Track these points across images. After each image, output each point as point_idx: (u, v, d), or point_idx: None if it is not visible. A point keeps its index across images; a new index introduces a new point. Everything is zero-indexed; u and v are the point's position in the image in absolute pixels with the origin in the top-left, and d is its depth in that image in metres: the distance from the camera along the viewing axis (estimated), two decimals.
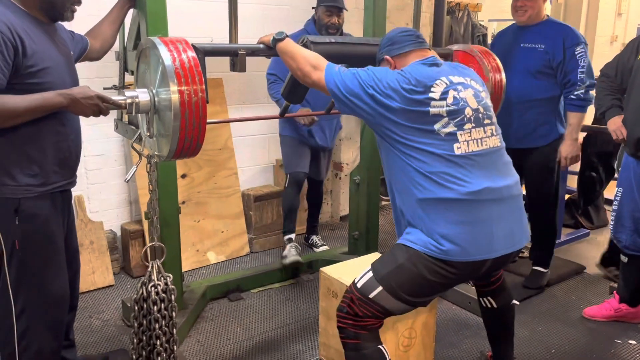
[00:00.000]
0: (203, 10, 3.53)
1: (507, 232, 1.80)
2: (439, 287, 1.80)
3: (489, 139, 1.83)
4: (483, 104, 1.86)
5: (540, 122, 2.99)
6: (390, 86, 1.76)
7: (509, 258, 1.87)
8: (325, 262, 3.04)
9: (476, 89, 1.88)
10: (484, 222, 1.75)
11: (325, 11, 3.23)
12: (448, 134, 1.76)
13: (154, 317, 2.16)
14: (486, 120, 1.85)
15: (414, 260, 1.76)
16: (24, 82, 1.75)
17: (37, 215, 1.85)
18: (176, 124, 1.75)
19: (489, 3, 5.60)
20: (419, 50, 1.93)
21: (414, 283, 1.77)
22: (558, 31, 2.92)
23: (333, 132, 3.53)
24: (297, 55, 1.94)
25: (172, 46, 1.80)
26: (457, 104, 1.78)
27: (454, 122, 1.76)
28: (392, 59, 1.95)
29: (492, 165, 1.81)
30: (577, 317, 2.96)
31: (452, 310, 3.02)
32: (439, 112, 1.75)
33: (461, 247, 1.72)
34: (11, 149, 1.79)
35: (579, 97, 2.87)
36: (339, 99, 1.84)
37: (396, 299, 1.78)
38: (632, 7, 6.48)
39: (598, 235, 4.20)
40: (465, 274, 1.80)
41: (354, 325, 1.83)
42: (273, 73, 3.24)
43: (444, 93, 1.77)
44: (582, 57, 2.86)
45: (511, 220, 1.82)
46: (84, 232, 3.20)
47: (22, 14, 1.80)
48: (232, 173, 3.75)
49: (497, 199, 1.78)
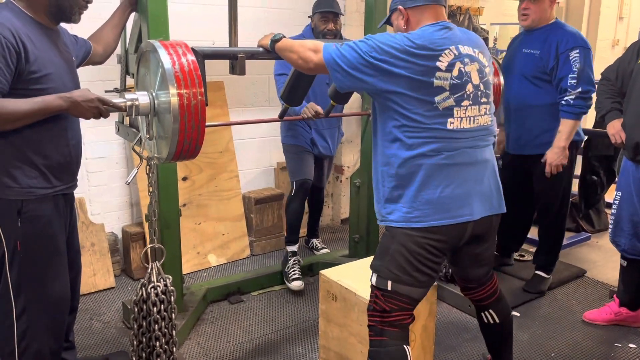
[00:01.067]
0: (204, 14, 3.55)
1: (486, 194, 1.86)
2: (433, 257, 1.83)
3: (481, 117, 1.85)
4: (485, 80, 1.86)
5: (544, 129, 2.94)
6: (394, 53, 1.71)
7: (490, 225, 1.92)
8: (326, 265, 3.05)
9: (482, 63, 1.86)
10: (461, 185, 1.80)
11: (321, 17, 3.17)
12: (446, 108, 1.76)
13: (154, 319, 2.17)
14: (483, 99, 1.85)
15: (400, 239, 1.81)
16: (26, 88, 1.77)
17: (39, 217, 1.87)
18: (175, 126, 1.77)
19: (490, 6, 5.61)
20: (435, 7, 1.85)
21: (410, 262, 1.81)
22: (554, 36, 2.87)
23: (335, 141, 3.52)
24: (295, 46, 1.93)
25: (172, 49, 1.81)
26: (461, 78, 1.77)
27: (454, 97, 1.77)
28: (406, 11, 1.87)
29: (475, 140, 1.84)
30: (577, 320, 2.96)
31: (451, 313, 3.02)
32: (442, 85, 1.74)
33: (439, 210, 1.78)
34: (13, 151, 1.80)
35: (568, 104, 2.80)
36: (340, 73, 1.78)
37: (407, 285, 1.83)
38: (634, 11, 6.49)
39: (599, 239, 4.19)
40: (450, 239, 1.84)
41: (381, 322, 1.86)
42: (281, 73, 3.11)
43: (451, 65, 1.75)
44: (576, 61, 2.79)
45: (488, 183, 1.88)
46: (85, 234, 3.21)
47: (26, 19, 1.82)
48: (233, 175, 3.76)
49: (472, 162, 1.82)
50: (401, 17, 1.89)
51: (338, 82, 1.82)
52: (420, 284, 1.85)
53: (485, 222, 1.89)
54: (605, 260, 3.76)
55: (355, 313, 2.28)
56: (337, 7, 3.20)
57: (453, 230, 1.82)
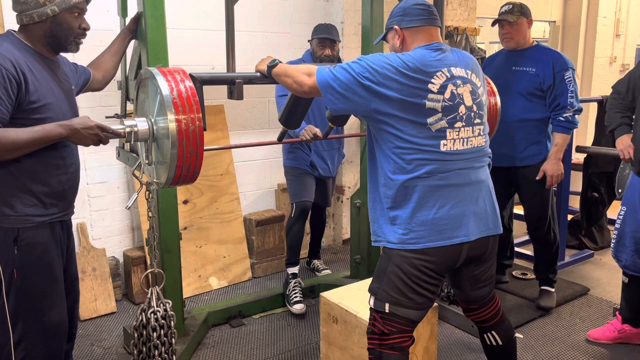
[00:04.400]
0: (203, 40, 3.60)
1: (481, 215, 1.86)
2: (430, 279, 1.82)
3: (475, 138, 1.86)
4: (478, 102, 1.86)
5: (531, 141, 3.09)
6: (387, 74, 1.72)
7: (487, 245, 1.91)
8: (327, 287, 3.04)
9: (475, 85, 1.87)
10: (455, 205, 1.79)
11: (319, 43, 3.21)
12: (438, 129, 1.77)
13: (154, 344, 2.16)
14: (477, 120, 1.86)
15: (396, 261, 1.81)
16: (26, 117, 1.79)
17: (36, 244, 1.87)
18: (174, 151, 1.79)
19: (488, 26, 5.68)
20: (430, 28, 1.88)
21: (406, 284, 1.81)
22: (548, 56, 3.03)
23: (335, 163, 3.54)
24: (289, 70, 1.97)
25: (170, 76, 1.84)
26: (453, 100, 1.78)
27: (447, 118, 1.78)
28: (402, 31, 1.89)
29: (469, 162, 1.85)
30: (581, 339, 2.93)
31: (454, 334, 3.00)
32: (434, 107, 1.75)
33: (434, 232, 1.78)
34: (11, 180, 1.82)
35: (567, 120, 2.97)
36: (333, 95, 1.78)
37: (405, 307, 1.82)
38: (630, 28, 6.55)
39: (602, 256, 4.17)
40: (445, 261, 1.83)
41: (380, 344, 1.85)
42: (282, 94, 3.11)
43: (443, 87, 1.76)
44: (571, 82, 2.96)
45: (484, 204, 1.87)
46: (86, 259, 3.22)
47: (27, 50, 1.86)
48: (233, 198, 3.77)
49: (466, 183, 1.82)
50: (397, 37, 1.91)
51: (331, 104, 1.82)
52: (418, 305, 1.84)
53: (482, 243, 1.89)
54: (609, 278, 3.74)
55: (356, 336, 2.27)
56: (335, 34, 3.23)
57: (448, 252, 1.82)
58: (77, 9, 1.89)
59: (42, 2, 1.82)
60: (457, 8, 4.80)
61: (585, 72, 6.18)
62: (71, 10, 1.87)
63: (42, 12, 1.83)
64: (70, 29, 1.90)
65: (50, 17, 1.84)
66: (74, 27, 1.90)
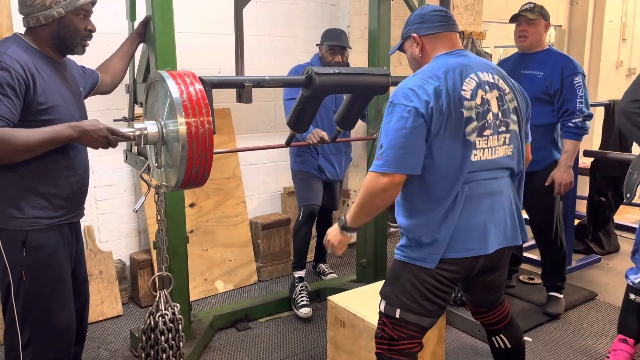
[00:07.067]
0: (211, 43, 3.61)
1: (501, 226, 1.81)
2: (444, 287, 1.80)
3: (501, 147, 1.80)
4: (504, 108, 1.81)
5: (536, 147, 2.96)
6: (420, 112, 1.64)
7: (503, 255, 1.88)
8: (334, 291, 3.03)
9: (502, 90, 1.81)
10: (475, 215, 1.75)
11: (329, 49, 3.21)
12: (470, 139, 1.71)
13: (161, 347, 2.16)
14: (502, 128, 1.80)
15: (412, 269, 1.79)
16: (33, 119, 1.79)
17: (44, 247, 1.87)
18: (183, 154, 1.79)
19: (493, 30, 5.68)
20: (449, 34, 1.84)
21: (420, 292, 1.78)
22: (558, 60, 2.98)
23: (343, 167, 3.54)
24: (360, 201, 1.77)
25: (180, 79, 1.85)
26: (484, 106, 1.73)
27: (479, 126, 1.73)
28: (420, 38, 1.85)
29: (493, 172, 1.80)
30: (589, 345, 2.91)
31: (461, 339, 2.98)
32: (470, 115, 1.70)
33: (454, 242, 1.73)
34: (20, 183, 1.82)
35: (577, 126, 2.91)
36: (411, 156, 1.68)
37: (416, 314, 1.80)
38: (637, 32, 6.54)
39: (609, 260, 4.15)
40: (463, 271, 1.80)
41: (388, 350, 1.83)
42: (290, 98, 3.12)
43: (474, 92, 1.72)
44: (580, 87, 2.90)
45: (504, 214, 1.82)
46: (93, 261, 3.22)
47: (34, 53, 1.87)
48: (240, 201, 3.77)
49: (488, 193, 1.78)
50: (415, 45, 1.86)
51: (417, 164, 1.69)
52: (429, 313, 1.82)
53: (498, 253, 1.85)
54: (616, 283, 3.71)
55: (364, 340, 2.26)
56: (345, 41, 3.24)
57: (466, 263, 1.79)
58: (83, 11, 1.90)
59: (48, 4, 1.83)
60: (463, 12, 4.80)
61: (591, 77, 6.16)
62: (77, 12, 1.88)
63: (48, 14, 1.84)
64: (76, 31, 1.90)
65: (56, 19, 1.85)
66: (80, 29, 1.91)
